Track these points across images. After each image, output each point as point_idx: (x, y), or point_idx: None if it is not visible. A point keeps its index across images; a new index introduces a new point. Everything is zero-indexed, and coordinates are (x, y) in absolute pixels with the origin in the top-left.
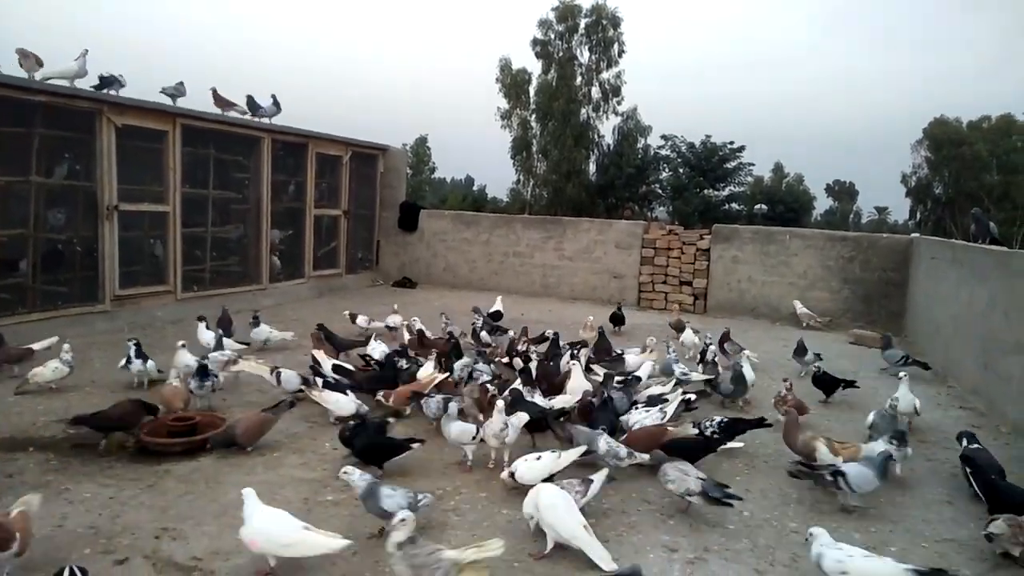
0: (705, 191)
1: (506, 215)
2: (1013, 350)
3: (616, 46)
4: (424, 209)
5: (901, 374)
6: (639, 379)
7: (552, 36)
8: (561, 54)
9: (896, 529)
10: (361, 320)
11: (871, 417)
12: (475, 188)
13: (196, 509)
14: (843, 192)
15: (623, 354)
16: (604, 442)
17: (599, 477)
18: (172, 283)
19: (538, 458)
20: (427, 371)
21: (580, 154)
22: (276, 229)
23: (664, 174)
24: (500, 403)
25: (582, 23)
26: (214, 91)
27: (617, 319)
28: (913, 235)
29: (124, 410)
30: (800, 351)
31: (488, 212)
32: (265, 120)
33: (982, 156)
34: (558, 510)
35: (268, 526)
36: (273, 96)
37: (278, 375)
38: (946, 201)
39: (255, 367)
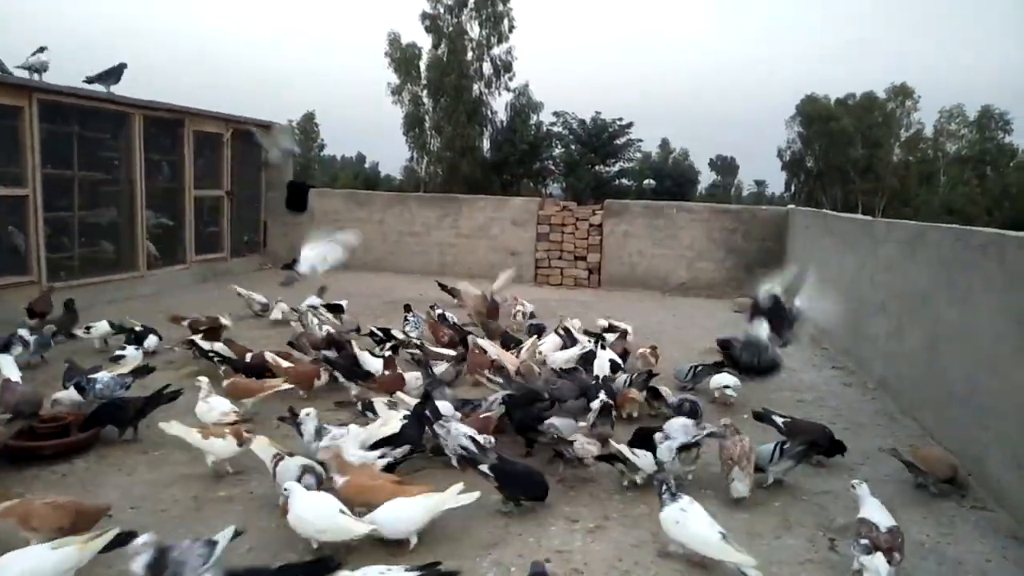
0: (596, 167)
1: (400, 193)
2: (878, 311)
3: (506, 21)
4: (314, 188)
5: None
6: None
7: (441, 10)
8: (451, 29)
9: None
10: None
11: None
12: (367, 166)
13: None
14: (725, 167)
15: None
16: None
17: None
18: (35, 273)
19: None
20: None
21: (474, 130)
22: (150, 211)
23: (557, 151)
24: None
25: None
26: None
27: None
28: (789, 206)
29: None
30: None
31: (382, 191)
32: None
33: (848, 131)
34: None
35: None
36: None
37: None
38: (817, 174)
39: None
